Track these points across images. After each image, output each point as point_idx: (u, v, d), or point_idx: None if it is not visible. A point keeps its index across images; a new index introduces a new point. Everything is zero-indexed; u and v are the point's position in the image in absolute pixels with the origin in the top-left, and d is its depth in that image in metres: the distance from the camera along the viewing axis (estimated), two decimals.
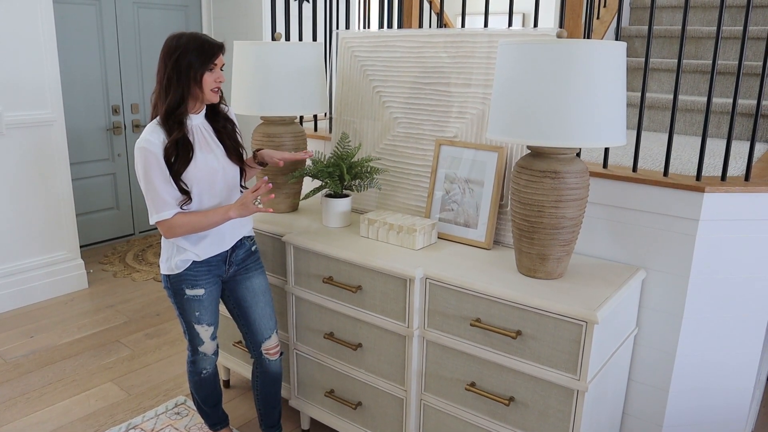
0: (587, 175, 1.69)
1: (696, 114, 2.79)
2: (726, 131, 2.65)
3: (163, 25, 4.42)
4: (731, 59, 3.10)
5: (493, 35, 1.99)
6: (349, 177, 2.08)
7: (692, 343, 1.87)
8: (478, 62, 2.01)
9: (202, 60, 1.72)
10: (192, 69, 1.71)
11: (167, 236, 1.79)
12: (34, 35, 3.21)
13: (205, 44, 1.73)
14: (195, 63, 1.71)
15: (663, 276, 1.84)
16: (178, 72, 1.72)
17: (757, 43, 3.02)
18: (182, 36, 1.74)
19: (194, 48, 1.72)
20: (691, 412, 1.94)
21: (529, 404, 1.66)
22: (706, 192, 1.73)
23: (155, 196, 1.73)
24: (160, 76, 1.75)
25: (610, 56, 1.51)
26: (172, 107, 1.73)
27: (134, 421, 2.40)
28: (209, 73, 1.74)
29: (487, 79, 2.00)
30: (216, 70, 1.76)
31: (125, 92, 4.31)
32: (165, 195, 1.73)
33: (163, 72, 1.74)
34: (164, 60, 1.74)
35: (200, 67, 1.72)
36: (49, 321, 3.25)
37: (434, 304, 1.78)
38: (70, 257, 3.58)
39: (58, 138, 3.38)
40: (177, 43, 1.72)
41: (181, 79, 1.72)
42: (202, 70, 1.73)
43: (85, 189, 4.16)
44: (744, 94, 2.85)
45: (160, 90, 1.75)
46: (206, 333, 1.96)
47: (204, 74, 1.73)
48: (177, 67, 1.71)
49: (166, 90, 1.74)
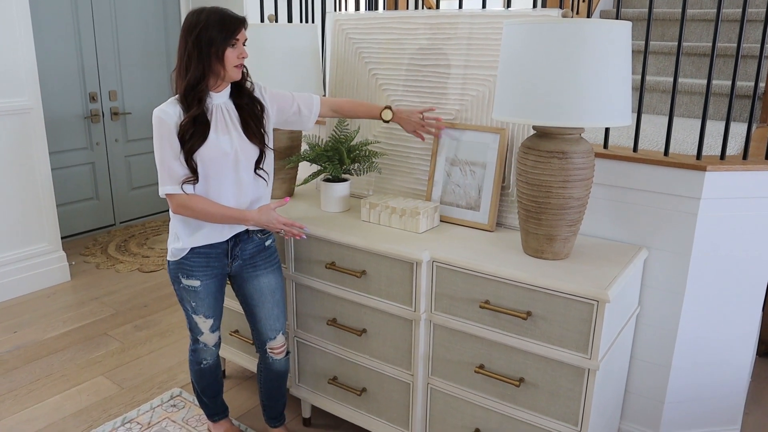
0: (593, 155, 1.69)
1: (683, 95, 2.82)
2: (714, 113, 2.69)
3: (140, 8, 4.29)
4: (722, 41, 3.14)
5: (491, 16, 1.97)
6: (349, 161, 2.05)
7: (693, 319, 1.90)
8: (476, 43, 1.99)
9: (224, 35, 1.66)
10: (213, 45, 1.65)
11: (174, 211, 1.75)
12: (8, 19, 3.07)
13: (226, 18, 1.67)
14: (217, 38, 1.65)
15: (665, 254, 1.87)
16: (198, 48, 1.65)
17: (733, 25, 3.06)
18: (202, 11, 1.67)
19: (215, 23, 1.65)
20: (692, 388, 1.98)
21: (539, 384, 1.67)
22: (708, 171, 1.75)
23: (162, 167, 1.70)
24: (180, 52, 1.69)
25: (617, 36, 1.51)
26: (192, 84, 1.67)
27: (129, 415, 2.34)
28: (231, 49, 1.68)
29: (485, 60, 1.98)
30: (238, 45, 1.70)
31: (102, 78, 4.18)
32: (172, 168, 1.69)
33: (184, 48, 1.68)
34: (185, 36, 1.67)
35: (222, 43, 1.66)
36: (32, 315, 3.15)
37: (442, 287, 1.77)
38: (51, 249, 3.47)
39: (36, 126, 3.26)
40: (197, 19, 1.66)
41: (201, 55, 1.66)
42: (224, 46, 1.66)
43: (63, 179, 4.04)
44: (719, 75, 2.89)
45: (181, 66, 1.69)
46: (204, 324, 1.92)
47: (226, 50, 1.67)
48: (198, 43, 1.65)
49: (186, 67, 1.68)
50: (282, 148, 2.24)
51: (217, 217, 1.75)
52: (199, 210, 1.72)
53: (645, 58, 1.88)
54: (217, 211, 1.74)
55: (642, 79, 1.88)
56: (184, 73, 1.68)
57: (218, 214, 1.74)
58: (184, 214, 1.74)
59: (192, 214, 1.73)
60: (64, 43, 3.93)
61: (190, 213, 1.73)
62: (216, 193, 1.76)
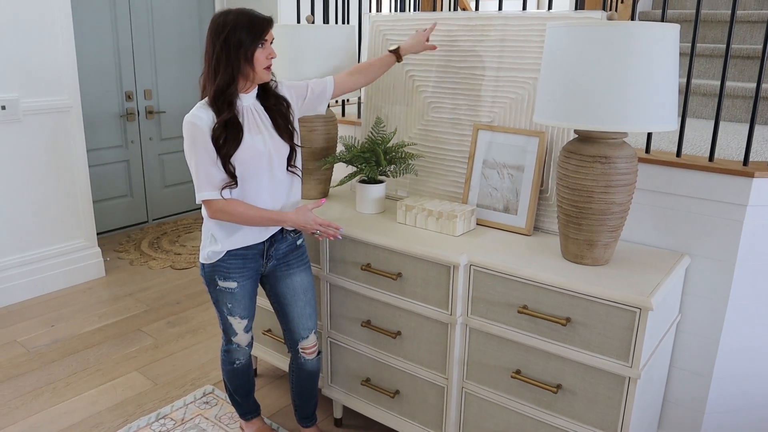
0: (636, 160, 1.66)
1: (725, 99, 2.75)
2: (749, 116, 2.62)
3: (176, 9, 4.35)
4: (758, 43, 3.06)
5: (530, 18, 1.95)
6: (386, 162, 2.05)
7: (736, 328, 1.85)
8: (513, 45, 1.97)
9: (253, 37, 1.66)
10: (242, 47, 1.65)
11: (211, 216, 1.75)
12: (50, 19, 3.15)
13: (254, 20, 1.67)
14: (245, 40, 1.65)
15: (708, 262, 1.82)
16: (227, 51, 1.66)
17: None
18: (229, 13, 1.68)
19: (243, 25, 1.65)
20: (734, 398, 1.93)
21: (577, 391, 1.65)
22: (755, 177, 1.71)
23: (199, 174, 1.69)
24: (208, 56, 1.69)
25: (665, 39, 1.47)
26: (221, 87, 1.67)
27: (163, 411, 2.38)
28: (260, 50, 1.68)
29: (523, 63, 1.96)
30: (267, 45, 1.70)
31: (138, 78, 4.25)
32: (209, 174, 1.69)
33: (212, 52, 1.68)
34: (212, 39, 1.68)
35: (251, 45, 1.66)
36: (68, 310, 3.22)
37: (479, 291, 1.76)
38: (87, 245, 3.54)
39: (74, 124, 3.33)
40: (224, 21, 1.66)
41: (230, 58, 1.66)
42: (253, 48, 1.67)
43: (98, 176, 4.11)
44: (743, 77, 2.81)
45: (209, 70, 1.69)
46: (239, 325, 1.93)
47: (255, 51, 1.67)
48: (226, 45, 1.65)
49: (215, 70, 1.68)
50: (318, 149, 2.25)
51: (256, 220, 1.75)
52: (238, 214, 1.73)
53: (691, 61, 1.84)
54: (256, 214, 1.74)
55: (687, 82, 1.84)
56: (213, 76, 1.68)
57: (257, 216, 1.75)
58: (222, 219, 1.74)
59: (230, 219, 1.74)
60: (102, 42, 4.01)
61: (229, 217, 1.73)
62: (253, 194, 1.77)
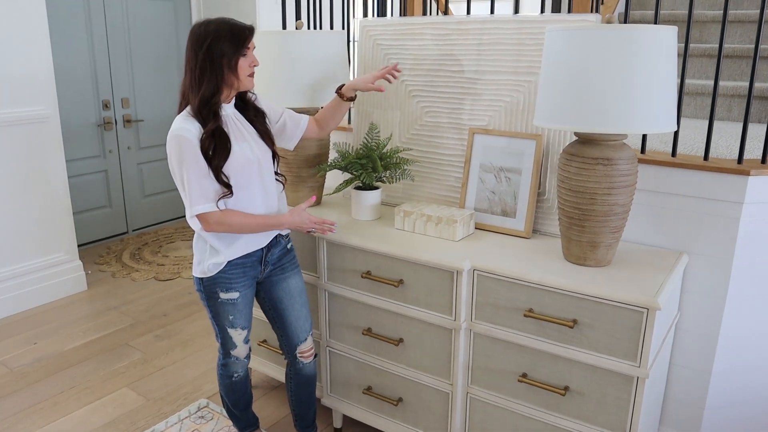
0: (636, 160, 1.67)
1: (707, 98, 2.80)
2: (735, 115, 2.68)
3: (153, 16, 4.27)
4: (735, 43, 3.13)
5: (524, 21, 1.95)
6: (382, 168, 2.03)
7: (735, 324, 1.88)
8: (508, 49, 1.97)
9: (235, 46, 1.65)
10: (225, 56, 1.64)
11: (208, 230, 1.71)
12: (26, 28, 3.05)
13: (235, 29, 1.65)
14: (228, 50, 1.64)
15: (706, 260, 1.85)
16: (210, 61, 1.63)
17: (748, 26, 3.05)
18: (210, 23, 1.66)
19: (225, 34, 1.64)
20: (733, 393, 1.96)
21: (585, 393, 1.65)
22: (751, 175, 1.74)
23: (191, 187, 1.65)
24: (190, 66, 1.66)
25: (664, 41, 1.49)
26: (206, 97, 1.65)
27: (158, 428, 2.32)
28: (243, 59, 1.67)
29: (518, 66, 1.96)
30: (249, 54, 1.69)
31: (115, 86, 4.15)
32: (203, 186, 1.65)
33: (194, 62, 1.65)
34: (194, 49, 1.65)
35: (234, 54, 1.65)
36: (51, 326, 3.12)
37: (483, 296, 1.75)
38: (68, 258, 3.44)
39: (53, 134, 3.24)
40: (206, 31, 1.64)
41: (214, 68, 1.64)
42: (237, 57, 1.65)
43: (76, 187, 4.00)
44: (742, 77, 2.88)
45: (192, 81, 1.66)
46: (239, 337, 1.90)
47: (239, 60, 1.66)
48: (209, 56, 1.63)
49: (199, 80, 1.65)
50: (311, 156, 2.22)
51: (255, 227, 1.73)
52: (236, 223, 1.70)
53: (684, 62, 1.87)
54: (254, 221, 1.72)
55: (681, 82, 1.86)
56: (197, 86, 1.65)
57: (255, 224, 1.72)
58: (220, 231, 1.71)
59: (229, 229, 1.71)
60: (78, 51, 3.91)
61: (227, 228, 1.70)
62: (247, 202, 1.74)
